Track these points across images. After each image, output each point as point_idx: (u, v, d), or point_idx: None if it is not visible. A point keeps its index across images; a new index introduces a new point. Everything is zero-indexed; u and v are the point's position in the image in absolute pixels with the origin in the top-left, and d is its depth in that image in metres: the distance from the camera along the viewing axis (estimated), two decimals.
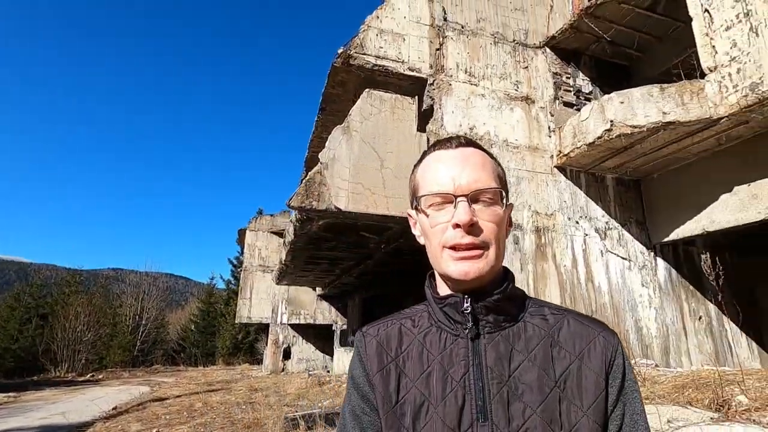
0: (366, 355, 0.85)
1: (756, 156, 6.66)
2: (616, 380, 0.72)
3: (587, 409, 0.69)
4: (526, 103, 8.68)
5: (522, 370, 0.73)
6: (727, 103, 6.25)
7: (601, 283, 7.62)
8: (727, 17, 6.45)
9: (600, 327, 0.78)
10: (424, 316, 0.86)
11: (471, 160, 0.79)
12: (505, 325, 0.78)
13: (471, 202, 0.75)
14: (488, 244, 0.75)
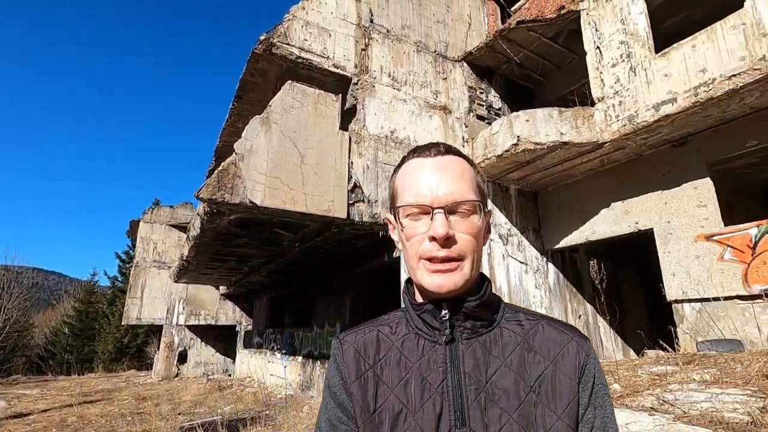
0: (343, 362, 0.83)
1: (629, 178, 7.78)
2: (587, 384, 0.74)
3: (561, 413, 0.71)
4: (444, 112, 9.10)
5: (498, 376, 0.74)
6: (610, 130, 7.21)
7: (502, 284, 8.26)
8: (613, 56, 7.44)
9: (573, 332, 0.80)
10: (401, 323, 0.85)
11: (449, 170, 0.78)
12: (482, 331, 0.78)
13: (448, 213, 0.75)
14: (464, 257, 0.75)
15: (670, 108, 6.40)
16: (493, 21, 10.72)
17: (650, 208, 7.34)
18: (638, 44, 7.07)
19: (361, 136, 7.79)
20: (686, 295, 6.56)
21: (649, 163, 7.52)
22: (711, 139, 6.74)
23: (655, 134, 6.96)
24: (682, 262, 6.71)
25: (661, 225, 7.12)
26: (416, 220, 0.77)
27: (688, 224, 6.76)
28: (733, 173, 7.95)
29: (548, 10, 8.63)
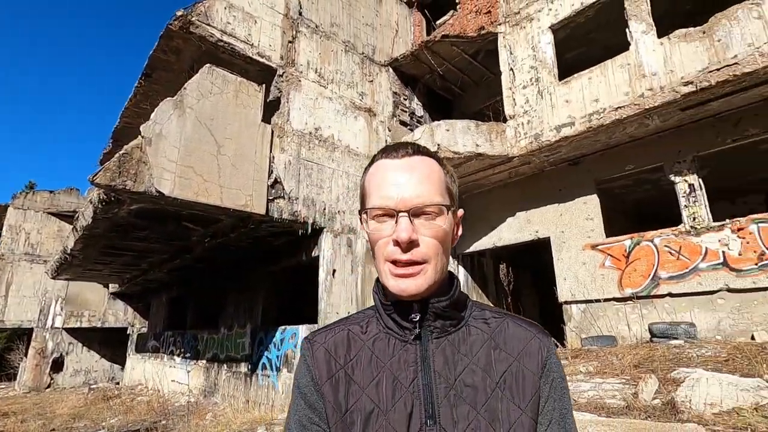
0: (314, 363, 0.82)
1: (532, 190, 8.58)
2: (548, 379, 0.77)
3: (525, 407, 0.74)
4: (369, 114, 9.20)
5: (467, 373, 0.76)
6: (519, 146, 7.89)
7: None
8: (524, 78, 8.16)
9: (535, 329, 0.83)
10: (372, 322, 0.85)
11: (417, 172, 0.77)
12: (451, 329, 0.80)
13: (413, 216, 0.74)
14: (428, 260, 0.75)
15: (569, 131, 7.19)
16: (419, 31, 11.11)
17: (548, 218, 8.17)
18: (545, 71, 7.84)
19: (284, 131, 7.54)
20: (574, 297, 7.42)
21: (549, 178, 8.38)
22: (599, 161, 7.72)
23: (555, 153, 7.77)
24: (572, 267, 7.58)
25: (556, 234, 7.97)
26: (382, 222, 0.77)
27: (578, 234, 7.66)
28: (613, 192, 9.18)
29: (470, 28, 9.19)
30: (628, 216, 10.27)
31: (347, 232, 7.91)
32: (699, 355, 4.61)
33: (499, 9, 8.89)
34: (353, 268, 7.73)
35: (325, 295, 7.24)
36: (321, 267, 7.41)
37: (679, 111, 6.40)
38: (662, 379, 3.94)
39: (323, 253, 7.50)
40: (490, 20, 8.98)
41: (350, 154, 8.48)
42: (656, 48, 6.47)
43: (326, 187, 7.85)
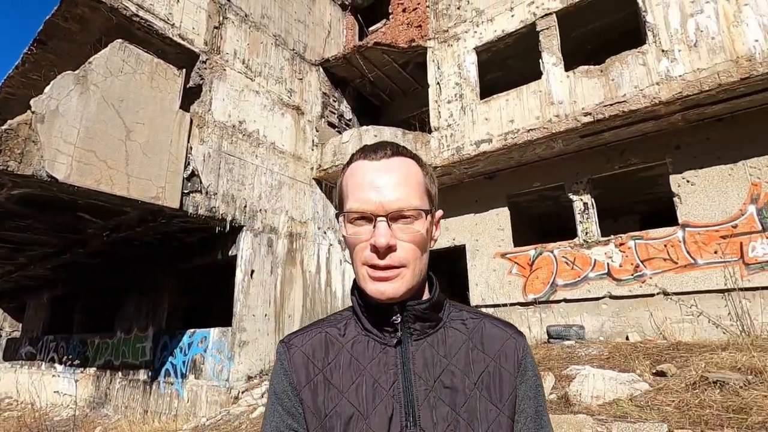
0: (292, 367, 0.80)
1: (451, 199, 9.05)
2: (524, 377, 0.79)
3: (503, 406, 0.75)
4: (297, 112, 9.01)
5: (446, 375, 0.76)
6: (442, 156, 8.29)
7: (337, 288, 8.56)
8: (450, 93, 8.61)
9: (511, 329, 0.84)
10: (350, 325, 0.83)
11: (395, 175, 0.76)
12: (430, 331, 0.80)
13: (391, 221, 0.74)
14: (405, 264, 0.74)
15: (487, 146, 7.74)
16: (351, 35, 11.17)
17: (465, 227, 8.69)
18: (469, 88, 8.36)
19: (205, 121, 7.08)
20: (485, 301, 7.97)
21: (467, 189, 8.92)
22: (511, 176, 8.41)
23: (474, 166, 8.30)
24: (484, 274, 8.14)
25: (471, 242, 8.50)
26: (360, 226, 0.76)
27: (490, 243, 8.26)
28: (521, 206, 10.04)
29: (401, 39, 9.47)
30: (533, 228, 11.30)
31: (268, 232, 7.64)
32: (587, 354, 5.22)
33: (430, 25, 9.29)
34: (273, 269, 7.49)
35: (241, 297, 6.91)
36: (238, 267, 7.06)
37: (579, 137, 7.23)
38: (558, 375, 4.40)
39: (242, 253, 7.16)
40: (420, 34, 9.34)
41: (275, 152, 8.23)
42: (563, 80, 7.24)
43: (248, 183, 7.52)
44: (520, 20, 8.01)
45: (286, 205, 8.09)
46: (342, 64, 9.92)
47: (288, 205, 8.12)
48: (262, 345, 7.02)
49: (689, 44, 6.13)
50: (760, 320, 5.63)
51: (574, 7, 7.52)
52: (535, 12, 7.82)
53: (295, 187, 8.40)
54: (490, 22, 8.40)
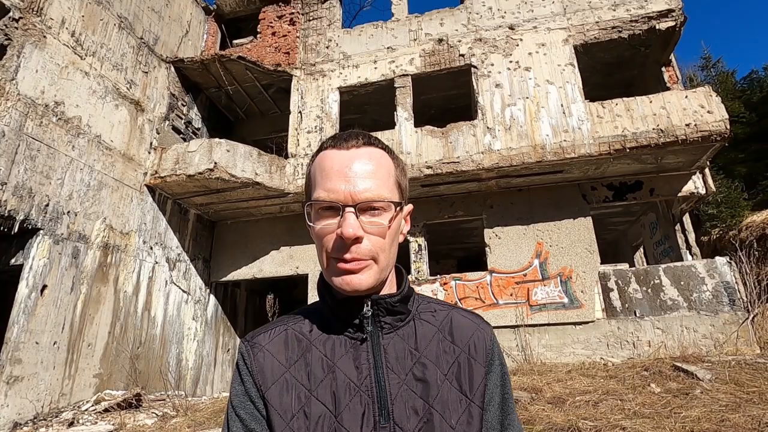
0: (256, 367, 0.74)
1: (299, 228, 9.03)
2: (492, 366, 0.79)
3: (473, 396, 0.75)
4: (136, 108, 7.87)
5: (418, 367, 0.75)
6: (296, 183, 8.29)
7: (157, 313, 7.43)
8: (310, 124, 8.80)
9: (478, 319, 0.84)
10: (317, 320, 0.80)
11: (365, 165, 0.74)
12: (400, 324, 0.79)
13: (359, 212, 0.72)
14: (374, 257, 0.73)
15: None
16: (212, 42, 10.52)
17: (309, 256, 8.72)
18: (329, 123, 8.70)
19: (4, 90, 5.59)
20: None
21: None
22: None
23: None
24: None
25: (314, 272, 8.54)
26: (327, 216, 0.73)
27: None
28: None
29: (268, 60, 9.37)
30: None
31: (76, 240, 6.26)
32: None
33: (298, 54, 9.46)
34: (75, 285, 6.11)
35: (22, 318, 5.37)
36: (24, 280, 5.52)
37: (420, 186, 8.19)
38: None
39: (31, 262, 5.65)
40: (288, 61, 9.41)
41: (101, 147, 6.95)
42: (412, 134, 8.20)
43: (56, 178, 6.11)
44: (381, 74, 8.85)
45: (105, 211, 6.82)
46: (198, 69, 9.19)
47: (108, 212, 6.86)
48: (43, 382, 5.52)
49: (506, 127, 7.73)
50: (537, 351, 7.11)
51: (426, 75, 8.72)
52: (395, 70, 8.77)
53: (121, 192, 7.19)
54: (355, 68, 9.05)
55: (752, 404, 3.70)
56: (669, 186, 7.85)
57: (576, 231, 7.77)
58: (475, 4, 8.92)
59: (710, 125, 6.81)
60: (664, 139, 6.91)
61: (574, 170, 7.66)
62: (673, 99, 7.18)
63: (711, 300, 6.77)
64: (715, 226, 12.85)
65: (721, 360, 5.44)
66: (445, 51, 8.68)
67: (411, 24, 9.11)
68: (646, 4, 8.03)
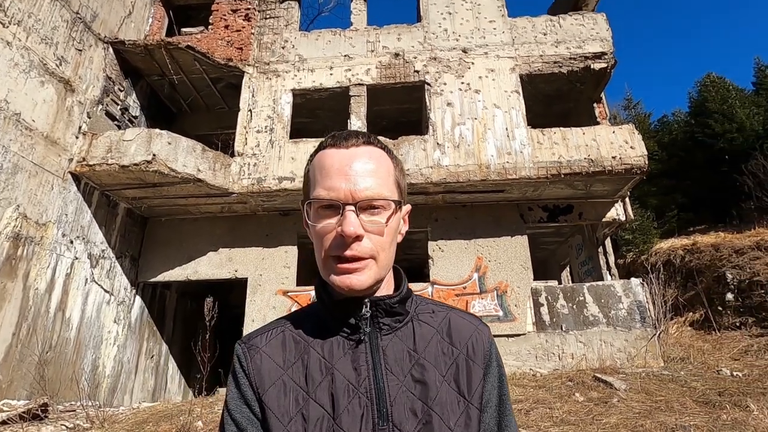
0: (253, 370, 0.74)
1: (241, 229, 8.68)
2: (490, 368, 0.80)
3: (471, 397, 0.75)
4: (65, 87, 7.18)
5: (416, 368, 0.75)
6: (241, 183, 7.98)
7: (74, 314, 6.73)
8: (261, 123, 8.55)
9: (476, 320, 0.84)
10: (314, 321, 0.78)
11: (365, 164, 0.74)
12: (399, 325, 0.78)
13: (359, 210, 0.71)
14: (373, 256, 0.72)
15: (289, 184, 7.91)
16: (158, 27, 9.91)
17: (250, 259, 8.39)
18: (281, 125, 8.51)
19: None
20: None
21: (260, 222, 8.75)
22: None
23: (272, 200, 8.29)
24: (263, 310, 7.93)
25: (254, 276, 8.24)
26: (326, 215, 0.73)
27: (274, 279, 8.19)
28: (306, 247, 10.45)
29: (219, 54, 9.00)
30: (313, 270, 11.80)
31: None
32: None
33: (252, 51, 9.20)
34: None
35: None
36: None
37: None
38: None
39: None
40: (240, 56, 9.11)
41: (19, 126, 6.24)
42: None
43: None
44: (337, 80, 8.85)
45: (20, 198, 6.10)
46: (141, 54, 8.60)
47: (22, 198, 6.14)
48: None
49: (455, 144, 8.05)
50: None
51: (382, 87, 8.86)
52: (351, 78, 8.81)
53: (40, 178, 6.48)
54: (311, 71, 8.97)
55: (660, 411, 4.11)
56: (595, 211, 8.58)
57: (513, 248, 8.22)
58: (432, 25, 9.25)
59: (632, 159, 7.57)
60: (593, 168, 7.57)
61: (514, 191, 8.13)
62: (602, 133, 7.90)
63: (626, 317, 7.46)
64: (629, 251, 14.24)
65: (633, 372, 6.00)
66: (401, 65, 8.89)
67: (369, 35, 9.23)
68: (584, 45, 8.82)
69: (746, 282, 9.09)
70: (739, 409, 4.11)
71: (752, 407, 4.08)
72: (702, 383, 5.33)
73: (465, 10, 9.39)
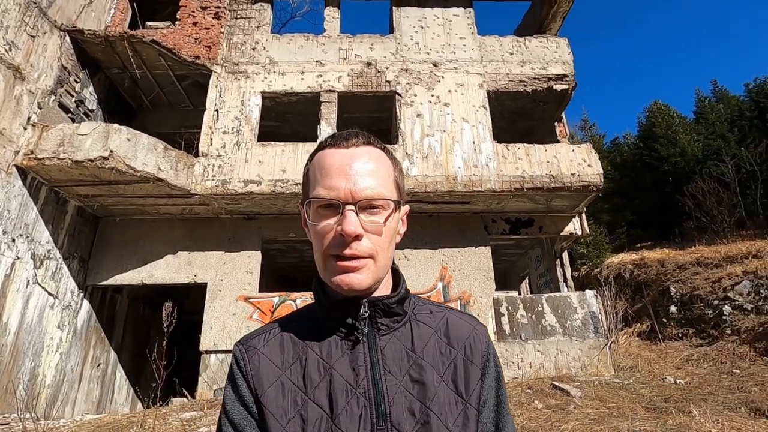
0: (252, 371, 0.74)
1: (202, 232, 8.37)
2: (488, 368, 0.80)
3: (469, 397, 0.75)
4: (14, 74, 6.71)
5: (415, 368, 0.75)
6: (205, 185, 7.72)
7: (12, 318, 6.21)
8: (227, 125, 8.34)
9: (474, 320, 0.85)
10: (311, 322, 0.78)
11: (365, 164, 0.74)
12: (397, 325, 0.78)
13: (358, 210, 0.72)
14: (372, 255, 0.72)
15: (255, 188, 7.74)
16: (121, 19, 9.49)
17: (211, 264, 8.10)
18: (248, 127, 8.34)
19: None
20: (216, 346, 7.41)
21: (222, 225, 8.49)
22: (270, 222, 8.57)
23: (236, 203, 8.06)
24: (222, 316, 7.66)
25: (215, 281, 7.95)
26: (326, 215, 0.73)
27: (236, 285, 7.94)
28: (269, 253, 10.24)
29: (186, 50, 8.73)
30: (275, 277, 11.55)
31: None
32: None
33: (221, 50, 8.99)
34: None
35: None
36: None
37: None
38: None
39: None
40: (208, 55, 8.87)
41: None
42: None
43: None
44: (308, 85, 8.80)
45: None
46: (101, 45, 8.19)
47: None
48: None
49: (423, 155, 8.18)
50: None
51: (353, 95, 8.89)
52: (322, 84, 8.79)
53: None
54: (281, 75, 8.86)
55: (614, 417, 4.31)
56: (554, 225, 8.95)
57: (477, 258, 8.41)
58: (404, 37, 9.42)
59: (590, 177, 7.99)
60: (554, 184, 7.91)
61: (479, 203, 8.35)
62: (563, 151, 8.29)
63: (581, 327, 7.79)
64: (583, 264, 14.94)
65: (588, 380, 6.25)
66: (373, 74, 8.96)
67: (342, 43, 9.27)
68: (547, 66, 9.26)
69: (688, 296, 9.75)
70: (683, 415, 4.37)
71: (694, 412, 4.36)
72: (649, 390, 5.64)
73: (437, 25, 9.63)
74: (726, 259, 9.84)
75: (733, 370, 6.70)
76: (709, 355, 7.61)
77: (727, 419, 4.19)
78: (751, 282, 8.79)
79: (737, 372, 6.53)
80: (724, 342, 7.85)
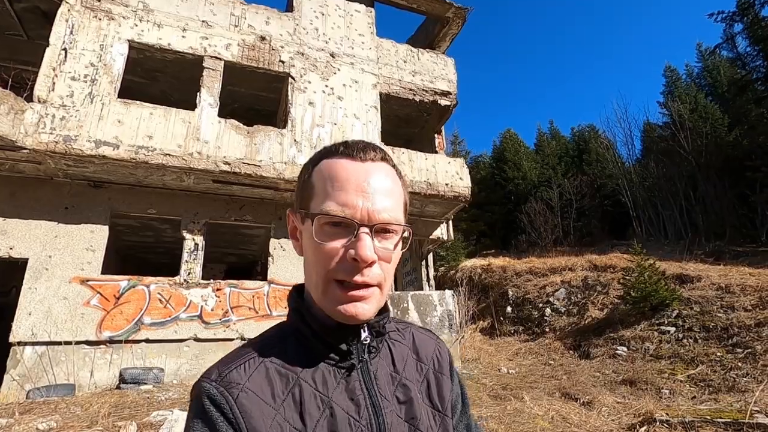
0: (240, 414, 0.60)
1: (25, 196, 6.75)
2: (454, 376, 0.81)
3: (445, 409, 0.75)
4: None
5: (399, 390, 0.73)
6: (39, 139, 6.25)
7: None
8: (79, 70, 6.89)
9: (433, 335, 0.86)
10: (294, 349, 0.69)
11: (381, 182, 0.68)
12: (380, 347, 0.74)
13: (373, 234, 0.66)
14: (380, 284, 0.68)
15: (110, 151, 6.56)
16: None
17: (36, 236, 6.58)
18: (107, 78, 7.03)
19: None
20: (35, 337, 6.04)
21: (58, 190, 6.98)
22: (125, 193, 7.36)
23: (82, 166, 6.72)
24: (48, 301, 6.28)
25: (40, 258, 6.48)
26: (335, 234, 0.65)
27: (70, 263, 6.60)
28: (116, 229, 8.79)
29: None
30: (119, 256, 9.97)
31: None
32: (167, 398, 4.97)
33: None
34: None
35: None
36: None
37: (211, 181, 7.46)
38: (140, 424, 3.93)
39: None
40: None
41: None
42: (215, 123, 7.48)
43: None
44: (190, 46, 7.82)
45: None
46: None
47: None
48: None
49: (312, 145, 7.99)
50: None
51: (242, 67, 8.21)
52: (207, 48, 7.91)
53: None
54: (157, 26, 7.69)
55: None
56: (425, 229, 9.66)
57: None
58: (304, 19, 9.07)
59: (461, 188, 8.83)
60: (430, 191, 8.54)
61: None
62: (441, 161, 9.00)
63: (438, 323, 8.55)
64: (442, 265, 16.49)
65: None
66: (267, 51, 8.41)
67: (235, 8, 8.47)
68: (435, 81, 9.94)
69: (521, 298, 11.54)
70: (517, 400, 5.15)
71: (526, 398, 5.17)
72: (490, 380, 6.49)
73: (338, 16, 9.51)
74: (551, 269, 11.94)
75: (549, 361, 8.14)
76: (533, 349, 9.12)
77: (548, 403, 5.07)
78: (566, 289, 10.83)
79: (552, 363, 7.96)
80: (544, 338, 9.51)
